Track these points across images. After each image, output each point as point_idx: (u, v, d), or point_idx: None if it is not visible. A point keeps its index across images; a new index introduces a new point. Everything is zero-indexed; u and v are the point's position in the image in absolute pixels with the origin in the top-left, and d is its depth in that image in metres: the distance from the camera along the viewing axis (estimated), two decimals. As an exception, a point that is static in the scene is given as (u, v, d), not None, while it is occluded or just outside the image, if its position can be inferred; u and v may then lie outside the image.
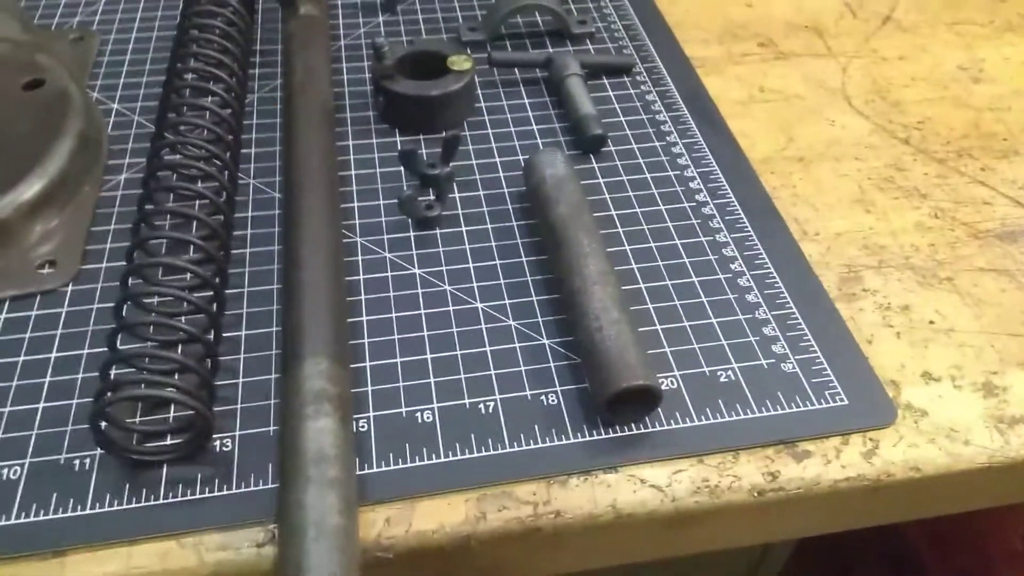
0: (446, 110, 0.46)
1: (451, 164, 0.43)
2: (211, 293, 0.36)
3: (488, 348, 0.36)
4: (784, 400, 0.34)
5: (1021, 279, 0.40)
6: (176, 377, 0.33)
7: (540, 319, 0.37)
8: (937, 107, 0.50)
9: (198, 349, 0.34)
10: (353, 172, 0.44)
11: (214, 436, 0.32)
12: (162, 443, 0.32)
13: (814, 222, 0.42)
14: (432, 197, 0.42)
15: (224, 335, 0.36)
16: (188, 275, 0.37)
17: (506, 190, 0.43)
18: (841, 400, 0.34)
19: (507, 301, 0.38)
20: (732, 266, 0.40)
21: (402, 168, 0.44)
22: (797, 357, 0.36)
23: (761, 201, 0.43)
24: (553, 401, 0.34)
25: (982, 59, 0.54)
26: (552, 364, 0.35)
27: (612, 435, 0.33)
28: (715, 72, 0.51)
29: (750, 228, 0.41)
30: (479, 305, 0.38)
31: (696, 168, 0.45)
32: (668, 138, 0.46)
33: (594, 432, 0.33)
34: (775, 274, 0.39)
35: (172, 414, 0.33)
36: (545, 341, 0.36)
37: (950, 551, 0.64)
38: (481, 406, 0.34)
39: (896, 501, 0.34)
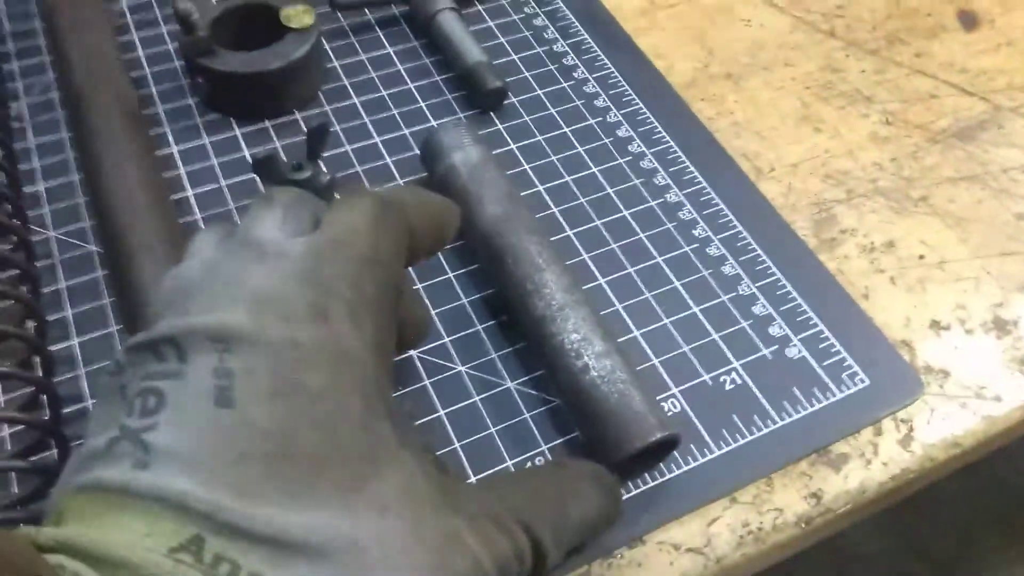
0: (294, 84, 0.35)
1: (322, 164, 0.33)
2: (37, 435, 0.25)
3: (442, 412, 0.28)
4: (803, 397, 0.29)
5: (992, 184, 0.36)
6: None
7: (495, 355, 0.29)
8: (851, -15, 0.44)
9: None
10: (191, 192, 0.33)
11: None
12: None
13: (765, 155, 0.36)
14: (310, 212, 0.32)
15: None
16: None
17: (401, 182, 0.34)
18: (861, 381, 0.29)
19: (447, 339, 0.29)
20: (695, 232, 0.33)
21: (258, 179, 0.33)
22: (800, 336, 0.30)
23: (703, 141, 0.36)
24: (540, 464, 0.27)
25: (874, -82, 0.48)
26: (527, 415, 0.28)
27: (627, 496, 0.26)
28: (603, -23, 0.43)
29: (702, 179, 0.34)
30: (413, 353, 0.29)
31: (619, 110, 0.37)
32: (575, 74, 0.38)
33: (604, 498, 0.26)
34: (745, 234, 0.33)
35: None
36: (510, 384, 0.29)
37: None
38: (455, 496, 0.26)
39: (939, 474, 0.30)
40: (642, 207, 0.34)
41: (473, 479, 0.26)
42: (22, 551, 0.14)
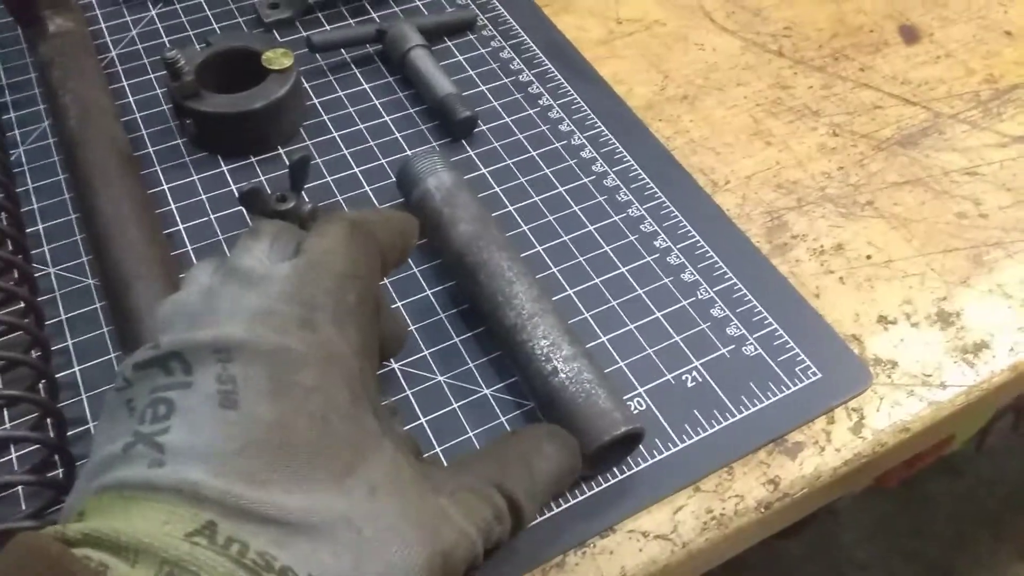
0: (276, 122, 0.37)
1: (304, 194, 0.35)
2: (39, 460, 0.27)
3: (423, 419, 0.30)
4: (759, 391, 0.31)
5: (935, 186, 0.38)
6: None
7: (472, 364, 0.31)
8: (797, 7, 0.47)
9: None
10: (182, 226, 0.35)
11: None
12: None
13: (720, 169, 0.39)
14: (295, 240, 0.34)
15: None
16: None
17: (378, 207, 0.36)
18: (814, 374, 0.31)
19: (426, 351, 0.32)
20: (656, 243, 0.35)
21: (244, 211, 0.35)
22: (755, 335, 0.32)
23: (661, 159, 0.38)
24: (516, 464, 0.29)
25: (819, -57, 0.51)
26: (503, 419, 0.30)
27: (597, 490, 0.28)
28: (564, 9, 0.45)
29: (661, 194, 0.37)
30: (395, 366, 0.31)
31: (582, 133, 0.39)
32: (540, 102, 0.40)
33: (577, 493, 0.28)
34: (703, 243, 0.35)
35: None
36: (486, 391, 0.31)
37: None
38: (437, 497, 0.28)
39: (891, 458, 0.32)
40: (606, 222, 0.36)
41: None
42: (51, 544, 0.16)
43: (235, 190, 0.36)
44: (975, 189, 0.38)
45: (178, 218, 0.35)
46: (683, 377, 0.31)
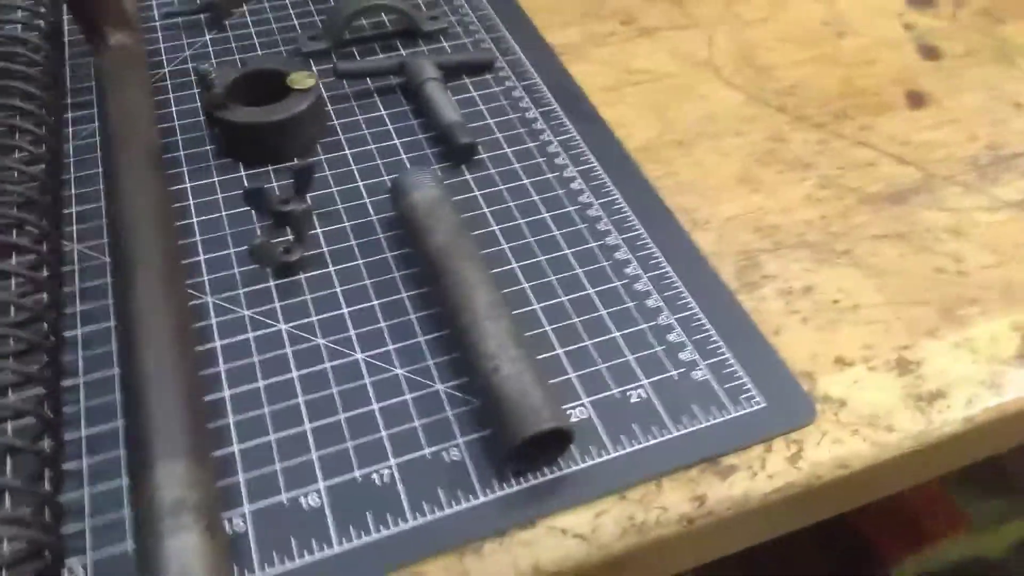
0: (293, 135, 0.41)
1: (308, 196, 0.39)
2: (41, 391, 0.31)
3: (376, 405, 0.32)
4: (700, 413, 0.32)
5: (916, 241, 0.39)
6: (7, 499, 0.28)
7: (431, 362, 0.33)
8: (806, 68, 0.48)
9: (32, 465, 0.29)
10: (195, 220, 0.39)
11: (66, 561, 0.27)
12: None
13: (703, 209, 0.40)
14: (290, 238, 0.37)
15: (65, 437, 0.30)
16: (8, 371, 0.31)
17: (375, 217, 0.39)
18: (758, 403, 0.32)
19: (391, 347, 0.34)
20: (627, 270, 0.37)
21: (251, 210, 0.39)
22: (707, 362, 0.33)
23: (646, 194, 0.40)
24: (456, 456, 0.31)
25: (842, 11, 0.53)
26: (450, 412, 0.32)
27: (525, 485, 0.30)
28: (579, 58, 0.48)
29: (640, 226, 0.39)
30: (359, 356, 0.34)
31: (575, 167, 0.41)
32: (541, 137, 0.43)
33: (504, 485, 0.30)
34: (672, 273, 0.37)
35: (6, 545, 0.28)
36: (439, 387, 0.33)
37: (875, 504, 0.65)
38: (375, 476, 0.30)
39: (828, 499, 0.33)
40: (583, 247, 0.38)
41: (392, 462, 0.30)
42: None
43: (245, 183, 0.40)
44: (958, 247, 0.39)
45: (193, 212, 0.39)
46: (628, 393, 0.32)
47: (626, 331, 0.35)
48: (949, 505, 0.61)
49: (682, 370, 0.33)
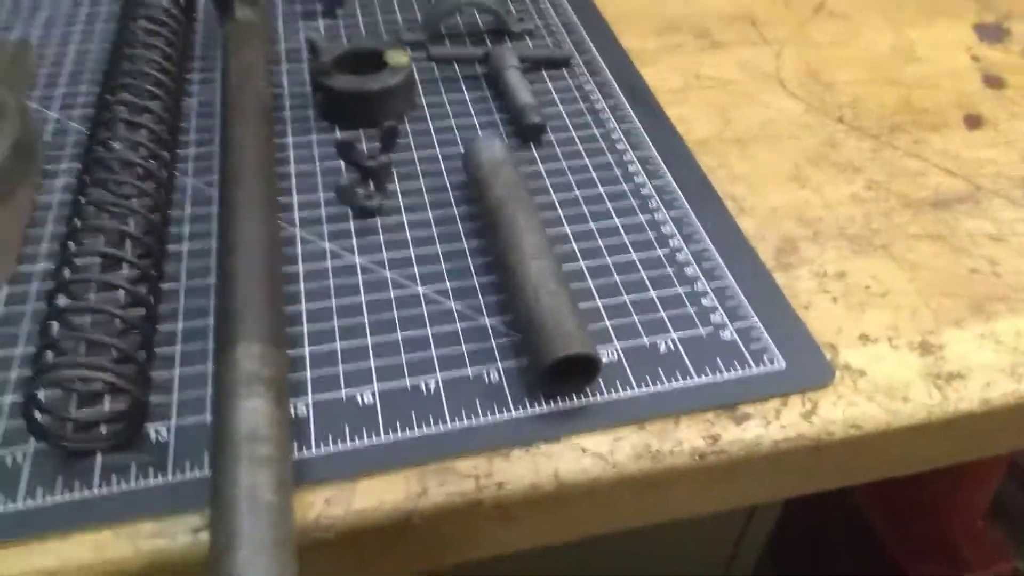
0: (384, 104, 0.46)
1: (391, 155, 0.43)
2: (147, 287, 0.36)
3: (429, 330, 0.36)
4: (723, 366, 0.34)
5: (954, 242, 0.41)
6: (112, 365, 0.33)
7: (482, 300, 0.37)
8: (869, 87, 0.51)
9: (134, 339, 0.34)
10: (293, 167, 0.44)
11: (149, 425, 0.32)
12: (97, 432, 0.32)
13: (750, 198, 0.43)
14: (372, 187, 0.42)
15: (161, 328, 0.35)
16: (125, 266, 0.37)
17: (447, 179, 0.43)
18: (779, 364, 0.35)
19: (448, 285, 0.38)
20: (671, 242, 0.40)
21: (342, 161, 0.44)
22: (736, 325, 0.36)
23: (698, 180, 0.43)
24: (495, 378, 0.34)
25: (913, 41, 0.56)
26: (494, 342, 0.35)
27: (554, 407, 0.33)
28: (652, 63, 0.52)
29: (688, 206, 0.42)
30: (420, 289, 0.38)
31: (635, 152, 0.45)
32: (607, 125, 0.47)
33: (536, 406, 0.33)
34: (712, 248, 0.40)
35: (108, 404, 0.33)
36: (487, 320, 0.36)
37: (914, 532, 0.65)
38: (422, 385, 0.34)
39: (839, 462, 0.34)
40: (631, 220, 0.41)
41: (439, 376, 0.34)
42: None
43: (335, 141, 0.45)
44: (996, 252, 0.40)
45: (292, 162, 0.44)
46: (658, 343, 0.35)
47: (662, 292, 0.38)
48: (991, 537, 0.61)
49: (711, 329, 0.36)
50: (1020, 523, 0.70)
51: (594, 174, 0.44)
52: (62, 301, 0.34)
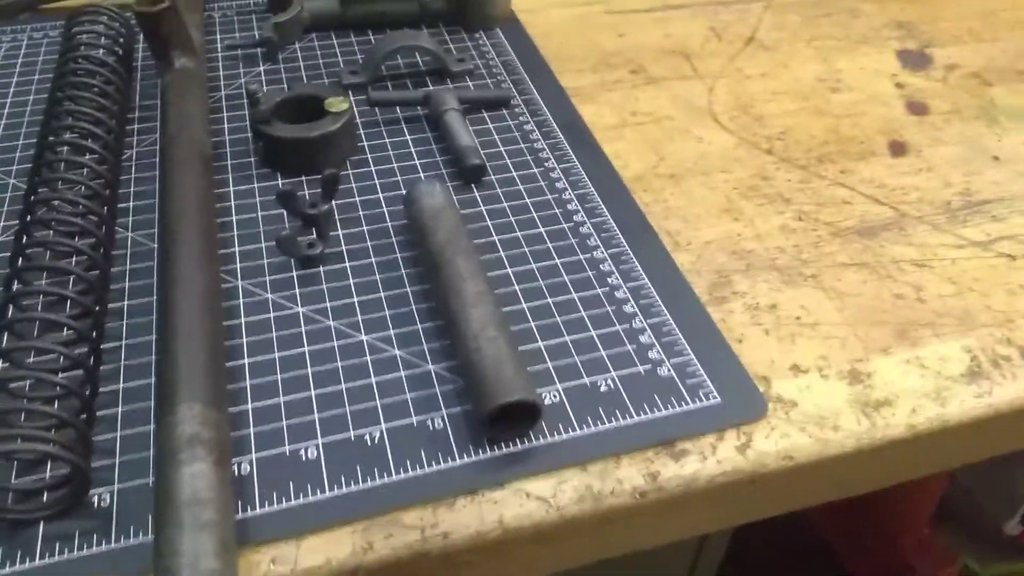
0: (325, 151, 0.46)
1: (333, 202, 0.44)
2: (86, 347, 0.36)
3: (373, 379, 0.36)
4: (661, 403, 0.35)
5: (880, 270, 0.42)
6: (52, 432, 0.33)
7: (425, 346, 0.38)
8: (798, 117, 0.53)
9: (73, 403, 0.34)
10: (234, 217, 0.44)
11: (92, 490, 0.32)
12: (38, 500, 0.31)
13: (685, 233, 0.44)
14: (314, 236, 0.42)
15: (101, 389, 0.35)
16: (64, 330, 0.36)
17: (390, 223, 0.44)
18: (714, 398, 0.36)
19: (392, 332, 0.38)
20: (609, 280, 0.41)
21: (283, 210, 0.44)
22: (672, 361, 0.37)
23: (635, 217, 0.45)
24: (439, 425, 0.35)
25: (839, 70, 0.58)
26: (438, 389, 0.36)
27: (498, 452, 0.34)
28: (589, 100, 0.53)
29: (625, 243, 0.43)
30: (364, 337, 0.38)
31: (573, 191, 0.46)
32: (546, 164, 0.48)
33: (480, 452, 0.34)
34: (649, 285, 0.41)
35: (49, 470, 0.32)
36: (431, 367, 0.37)
37: (865, 544, 0.67)
38: (367, 437, 0.34)
39: (775, 492, 0.36)
40: (571, 259, 0.42)
41: (383, 426, 0.34)
42: None
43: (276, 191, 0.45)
44: (920, 278, 0.42)
45: (234, 211, 0.44)
46: (598, 382, 0.36)
47: (602, 331, 0.39)
48: (938, 543, 0.63)
49: (648, 367, 0.37)
50: (966, 524, 0.72)
51: (534, 214, 0.45)
52: (-1, 367, 0.34)
